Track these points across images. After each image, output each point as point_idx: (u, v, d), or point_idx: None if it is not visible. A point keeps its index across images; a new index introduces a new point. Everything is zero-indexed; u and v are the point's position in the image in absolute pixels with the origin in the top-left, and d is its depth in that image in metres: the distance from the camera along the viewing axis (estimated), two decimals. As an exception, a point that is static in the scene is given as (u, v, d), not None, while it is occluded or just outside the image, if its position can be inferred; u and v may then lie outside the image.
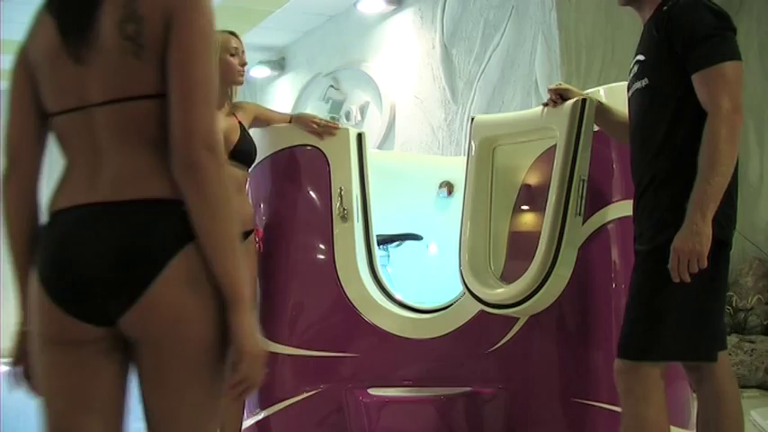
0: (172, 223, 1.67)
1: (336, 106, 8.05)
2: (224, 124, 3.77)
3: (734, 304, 5.84)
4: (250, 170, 3.90)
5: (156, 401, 1.71)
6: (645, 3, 2.70)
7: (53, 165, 1.81)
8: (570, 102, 3.08)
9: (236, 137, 3.76)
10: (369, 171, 3.92)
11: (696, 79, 2.47)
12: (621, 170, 2.87)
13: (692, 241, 2.38)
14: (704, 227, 2.38)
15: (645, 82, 2.65)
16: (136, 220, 1.66)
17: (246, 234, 3.80)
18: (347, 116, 7.92)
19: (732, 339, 5.47)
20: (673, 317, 2.50)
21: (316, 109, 8.37)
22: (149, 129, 1.70)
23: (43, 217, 1.77)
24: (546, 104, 3.20)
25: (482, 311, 3.37)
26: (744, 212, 6.38)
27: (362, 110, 7.79)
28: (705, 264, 2.38)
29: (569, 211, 3.03)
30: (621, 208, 3.02)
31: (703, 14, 2.50)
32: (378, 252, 3.93)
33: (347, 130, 3.92)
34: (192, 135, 1.65)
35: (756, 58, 6.47)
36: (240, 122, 3.83)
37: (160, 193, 1.68)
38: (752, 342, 5.47)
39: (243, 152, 3.77)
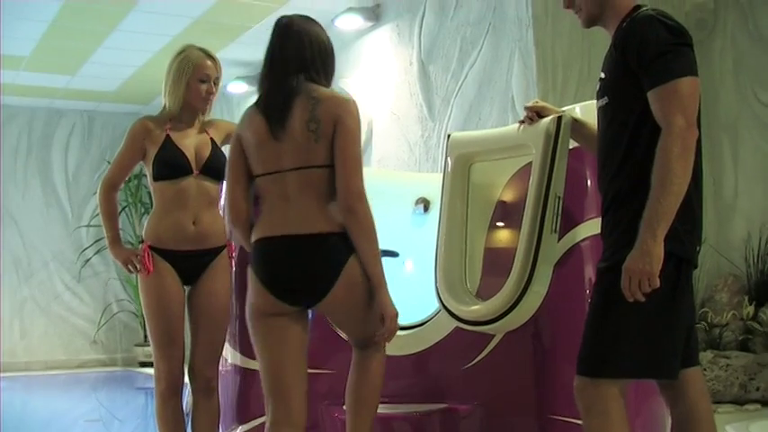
0: (337, 247, 2.84)
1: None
2: (195, 140, 3.78)
3: (709, 320, 5.87)
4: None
5: (345, 329, 3.18)
6: (608, 21, 2.71)
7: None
8: (546, 119, 3.09)
9: (207, 152, 3.76)
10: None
11: (651, 96, 2.47)
12: (595, 187, 2.88)
13: (643, 261, 2.37)
14: (655, 246, 2.37)
15: (605, 100, 2.67)
16: (319, 245, 2.84)
17: (220, 248, 3.80)
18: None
19: (707, 355, 5.50)
20: (629, 335, 2.49)
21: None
22: (321, 186, 2.86)
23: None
24: (522, 122, 3.20)
25: (458, 328, 3.37)
26: (718, 229, 6.47)
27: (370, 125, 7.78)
28: (657, 283, 2.37)
29: (545, 228, 3.04)
30: (595, 225, 3.04)
31: (658, 30, 2.49)
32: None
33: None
34: (350, 191, 2.82)
35: (730, 75, 6.53)
36: (212, 138, 3.83)
37: (325, 228, 2.84)
38: (727, 358, 5.50)
39: (213, 167, 3.77)
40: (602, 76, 2.70)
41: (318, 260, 2.84)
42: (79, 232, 10.67)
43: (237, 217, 2.97)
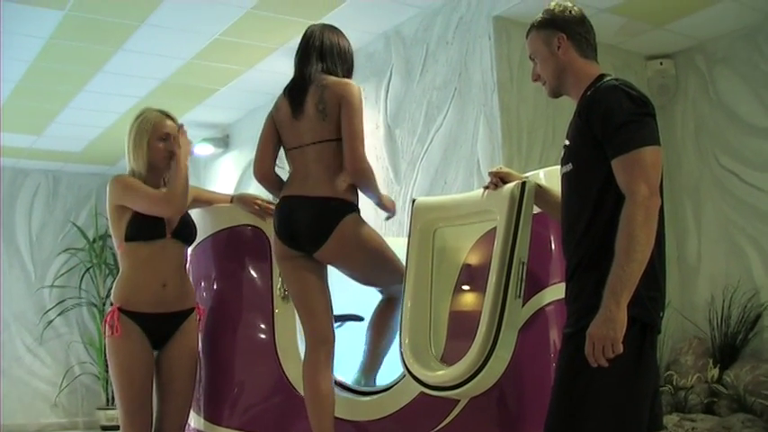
0: (335, 209, 3.49)
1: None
2: None
3: (674, 383, 5.89)
4: (190, 249, 3.89)
5: (352, 273, 3.71)
6: (571, 89, 2.78)
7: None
8: (510, 185, 3.12)
9: (176, 217, 3.75)
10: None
11: (615, 165, 2.50)
12: (560, 252, 2.89)
13: (606, 327, 2.38)
14: (618, 313, 2.38)
15: (569, 167, 2.70)
16: (321, 206, 3.49)
17: (189, 311, 3.77)
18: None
19: (673, 418, 5.50)
20: (595, 401, 2.49)
21: (259, 187, 8.30)
22: (330, 157, 3.53)
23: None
24: (487, 187, 3.23)
25: (423, 393, 3.35)
26: (682, 292, 6.52)
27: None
28: (620, 349, 2.38)
29: (509, 294, 3.04)
30: (560, 290, 3.05)
31: (621, 100, 2.53)
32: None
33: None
34: (355, 156, 3.47)
35: (692, 139, 6.64)
36: (179, 202, 3.82)
37: (328, 194, 3.50)
38: (692, 421, 5.50)
39: (184, 232, 3.77)
40: (567, 142, 2.74)
41: (317, 217, 3.51)
42: (42, 293, 10.52)
43: (264, 177, 3.75)
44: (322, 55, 3.69)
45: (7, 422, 10.09)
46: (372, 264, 3.67)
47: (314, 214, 3.51)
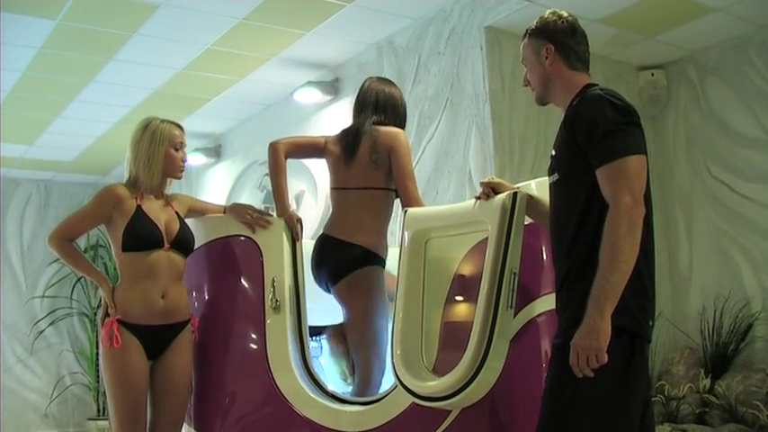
0: (357, 256, 3.82)
1: (271, 196, 8.04)
2: (164, 215, 3.77)
3: (666, 393, 5.89)
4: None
5: (347, 322, 3.93)
6: (557, 99, 2.79)
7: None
8: (501, 195, 3.12)
9: (176, 227, 3.77)
10: (302, 262, 3.92)
11: (599, 175, 2.51)
12: (551, 262, 2.89)
13: (590, 337, 2.38)
14: (602, 323, 2.38)
15: (555, 177, 2.71)
16: (347, 251, 3.83)
17: (185, 323, 3.77)
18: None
19: (665, 428, 5.50)
20: (585, 411, 2.48)
21: (251, 197, 8.36)
22: (372, 204, 3.90)
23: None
24: (478, 198, 3.23)
25: (414, 404, 3.34)
26: (674, 302, 6.53)
27: (298, 199, 7.79)
28: (605, 359, 2.38)
29: (501, 304, 3.03)
30: (551, 300, 3.05)
31: (606, 110, 2.53)
32: (310, 343, 3.90)
33: (281, 220, 3.92)
34: (409, 196, 3.81)
35: (683, 150, 6.66)
36: (177, 212, 3.83)
37: (357, 241, 3.83)
38: (684, 431, 5.50)
39: (183, 242, 3.78)
40: (553, 152, 2.75)
41: (339, 259, 3.86)
42: (33, 303, 10.49)
43: (286, 154, 4.08)
44: (377, 107, 4.04)
45: (-3, 433, 10.05)
46: (364, 318, 3.87)
47: (339, 256, 3.89)
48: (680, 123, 6.72)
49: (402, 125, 4.07)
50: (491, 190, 3.17)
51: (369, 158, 3.89)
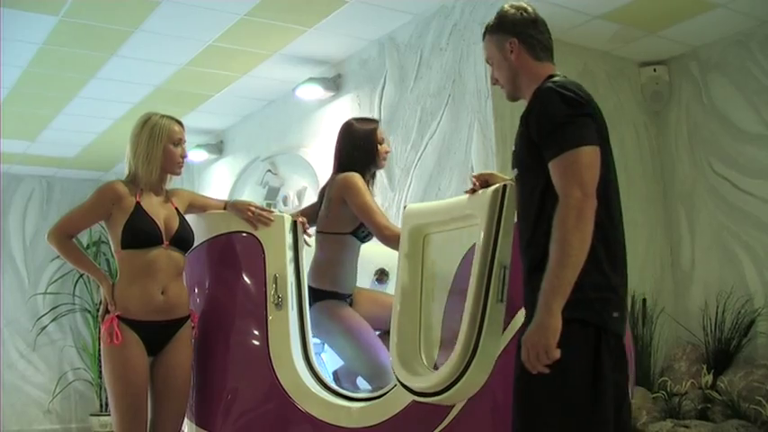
0: (311, 297, 3.97)
1: (273, 193, 8.05)
2: (164, 211, 3.77)
3: (668, 389, 5.88)
4: (186, 255, 3.89)
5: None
6: (526, 93, 2.74)
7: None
8: (491, 188, 3.08)
9: (175, 223, 3.76)
10: (304, 258, 3.92)
11: (550, 168, 2.48)
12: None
13: (538, 334, 2.36)
14: (550, 319, 2.35)
15: (515, 172, 2.70)
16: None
17: (185, 319, 3.77)
18: (284, 201, 7.92)
19: (667, 424, 5.50)
20: (553, 406, 2.45)
21: (253, 193, 8.36)
22: (323, 246, 4.03)
23: None
24: (472, 191, 3.22)
25: (415, 401, 3.33)
26: (676, 298, 6.53)
27: (300, 195, 7.80)
28: (556, 355, 2.34)
29: (490, 298, 2.99)
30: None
31: (555, 103, 2.50)
32: (312, 339, 3.90)
33: (282, 216, 3.92)
34: (378, 230, 3.83)
35: (686, 146, 6.65)
36: (176, 208, 3.83)
37: (312, 283, 4.02)
38: (686, 427, 5.49)
39: (183, 238, 3.77)
40: (513, 148, 2.73)
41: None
42: (35, 299, 10.50)
43: None
44: (337, 157, 4.14)
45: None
46: (341, 344, 3.99)
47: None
48: (682, 119, 6.72)
49: (363, 168, 4.07)
50: (485, 182, 3.16)
51: (325, 205, 4.03)
